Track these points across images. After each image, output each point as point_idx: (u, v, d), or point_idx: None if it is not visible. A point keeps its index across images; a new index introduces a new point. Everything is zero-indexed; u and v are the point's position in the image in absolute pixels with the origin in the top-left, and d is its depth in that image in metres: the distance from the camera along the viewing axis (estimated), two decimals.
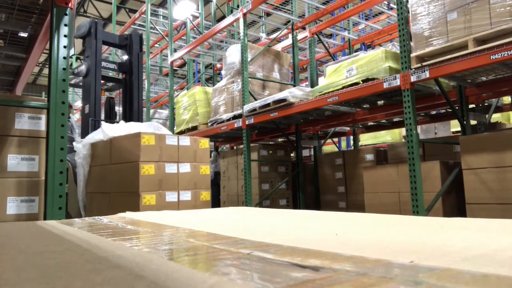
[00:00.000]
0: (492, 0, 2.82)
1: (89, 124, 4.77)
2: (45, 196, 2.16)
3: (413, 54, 3.31)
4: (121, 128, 3.83)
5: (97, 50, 4.88)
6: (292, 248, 0.66)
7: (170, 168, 3.61)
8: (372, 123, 6.13)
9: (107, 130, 3.80)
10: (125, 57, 5.54)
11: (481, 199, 3.24)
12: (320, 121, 5.71)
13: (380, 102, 4.77)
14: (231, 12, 6.95)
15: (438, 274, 0.44)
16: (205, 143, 3.83)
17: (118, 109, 5.71)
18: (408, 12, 3.47)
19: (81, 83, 5.07)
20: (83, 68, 4.71)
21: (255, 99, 5.43)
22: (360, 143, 7.26)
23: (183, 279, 0.45)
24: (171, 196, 3.56)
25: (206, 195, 3.79)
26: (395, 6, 3.95)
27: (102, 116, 5.39)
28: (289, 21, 6.58)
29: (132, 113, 5.11)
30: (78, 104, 16.10)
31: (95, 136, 3.93)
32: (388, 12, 7.47)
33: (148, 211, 2.32)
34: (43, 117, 2.24)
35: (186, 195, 3.66)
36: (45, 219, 2.15)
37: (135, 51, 5.23)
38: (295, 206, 5.98)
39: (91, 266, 0.56)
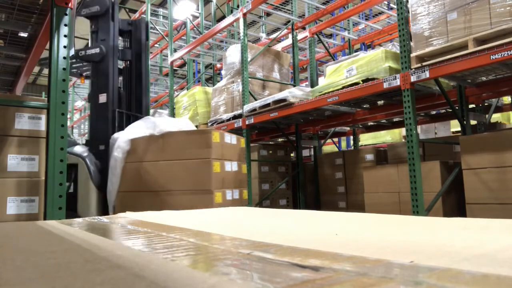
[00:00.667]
0: (492, 0, 2.82)
1: (115, 116, 4.11)
2: (45, 196, 2.16)
3: (413, 54, 3.31)
4: (171, 123, 3.70)
5: (114, 33, 4.28)
6: (292, 248, 0.66)
7: (228, 166, 3.62)
8: (372, 123, 6.13)
9: (162, 125, 3.58)
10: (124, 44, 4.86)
11: (481, 199, 3.24)
12: (320, 121, 5.71)
13: (380, 102, 4.77)
14: (231, 12, 6.95)
15: (438, 274, 0.44)
16: (243, 142, 4.01)
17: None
18: (408, 12, 3.47)
19: (83, 70, 4.49)
20: (96, 51, 4.12)
21: (255, 99, 5.43)
22: (360, 143, 7.26)
23: (183, 279, 0.45)
24: (229, 194, 3.57)
25: (245, 193, 3.89)
26: (395, 6, 3.95)
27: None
28: (289, 21, 6.58)
29: (142, 107, 4.48)
30: (78, 104, 16.13)
31: (138, 130, 3.60)
32: (388, 12, 7.47)
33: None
34: (43, 117, 2.24)
35: (236, 193, 3.68)
36: (45, 219, 2.15)
37: (143, 39, 4.66)
38: (295, 206, 5.98)
39: (91, 266, 0.56)
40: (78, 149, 3.73)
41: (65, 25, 2.33)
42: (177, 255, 0.61)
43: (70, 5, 2.35)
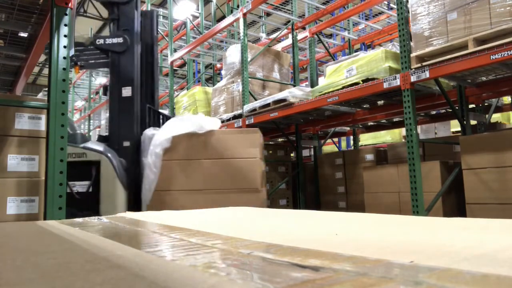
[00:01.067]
0: (492, 0, 2.82)
1: (145, 110, 3.87)
2: (45, 196, 2.16)
3: (413, 54, 3.31)
4: (211, 122, 3.66)
5: (139, 23, 3.95)
6: (292, 248, 0.66)
7: (262, 165, 3.75)
8: (372, 123, 6.13)
9: (206, 124, 3.55)
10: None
11: (481, 199, 3.24)
12: (320, 121, 5.71)
13: (380, 102, 4.77)
14: (231, 12, 6.95)
15: (438, 274, 0.44)
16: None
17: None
18: (408, 12, 3.47)
19: (79, 58, 3.90)
20: (119, 41, 3.71)
21: (255, 99, 5.43)
22: (360, 143, 7.26)
23: (183, 279, 0.45)
24: (264, 192, 3.71)
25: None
26: (395, 6, 3.95)
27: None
28: (289, 21, 6.58)
29: (154, 102, 4.08)
30: (78, 104, 16.12)
31: (177, 127, 3.50)
32: (388, 12, 7.47)
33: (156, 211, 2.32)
34: (43, 117, 2.24)
35: (263, 191, 3.79)
36: (45, 219, 2.15)
37: (154, 31, 4.28)
38: (295, 206, 5.98)
39: (91, 266, 0.56)
40: (95, 145, 3.44)
41: (65, 25, 2.33)
42: (177, 255, 0.61)
43: (70, 5, 2.35)
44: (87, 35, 3.98)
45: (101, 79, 14.35)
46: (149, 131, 3.61)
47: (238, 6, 7.07)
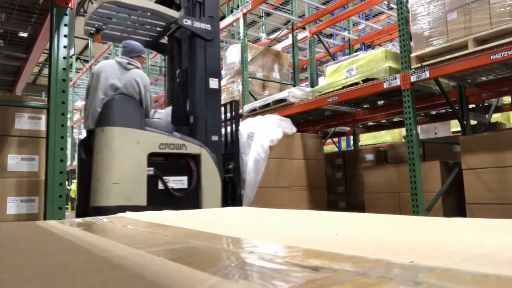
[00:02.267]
0: (492, 0, 2.82)
1: (233, 106, 3.69)
2: (45, 196, 2.17)
3: (413, 54, 3.31)
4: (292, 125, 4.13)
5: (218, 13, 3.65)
6: (292, 248, 0.66)
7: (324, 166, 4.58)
8: (372, 123, 6.12)
9: (293, 127, 4.05)
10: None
11: (481, 199, 3.23)
12: (320, 121, 5.70)
13: (380, 102, 4.77)
14: (231, 12, 6.95)
15: (438, 274, 0.44)
16: None
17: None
18: (408, 12, 3.47)
19: (100, 26, 3.41)
20: (207, 28, 3.37)
21: (255, 99, 5.43)
22: (360, 143, 7.26)
23: (183, 279, 0.45)
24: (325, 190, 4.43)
25: None
26: (395, 6, 3.95)
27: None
28: (289, 21, 6.58)
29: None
30: (78, 104, 16.11)
31: (272, 127, 3.84)
32: (388, 12, 7.48)
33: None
34: (43, 117, 2.24)
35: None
36: (45, 219, 2.15)
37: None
38: None
39: (91, 266, 0.56)
40: (185, 137, 3.15)
41: (65, 25, 2.33)
42: (177, 255, 0.61)
43: (70, 5, 2.35)
44: None
45: None
46: (245, 128, 3.72)
47: (238, 6, 7.07)
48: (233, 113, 3.78)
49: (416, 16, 3.32)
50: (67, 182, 2.47)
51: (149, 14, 3.28)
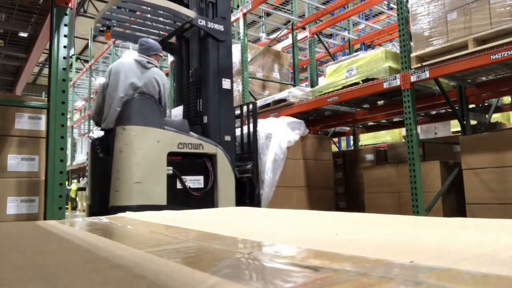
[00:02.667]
0: (492, 0, 2.82)
1: (250, 108, 3.67)
2: (45, 196, 2.16)
3: (413, 54, 3.31)
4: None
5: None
6: (292, 248, 0.66)
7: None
8: (372, 123, 6.12)
9: (303, 130, 4.23)
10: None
11: (481, 199, 3.24)
12: (320, 121, 5.70)
13: (380, 102, 4.77)
14: (231, 12, 6.95)
15: (438, 274, 0.44)
16: None
17: None
18: (408, 12, 3.47)
19: (111, 23, 3.38)
20: (221, 29, 3.38)
21: (255, 99, 5.43)
22: (360, 143, 7.26)
23: (183, 279, 0.45)
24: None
25: None
26: (395, 6, 3.95)
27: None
28: (289, 21, 6.58)
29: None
30: (78, 104, 16.11)
31: (287, 129, 4.03)
32: (388, 12, 7.48)
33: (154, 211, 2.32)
34: (43, 117, 2.24)
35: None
36: (45, 219, 2.15)
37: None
38: None
39: (91, 266, 0.56)
40: (202, 137, 3.16)
41: (65, 25, 2.33)
42: (177, 255, 0.61)
43: (70, 5, 2.35)
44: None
45: (100, 79, 14.35)
46: (263, 129, 3.88)
47: (238, 6, 7.07)
48: (251, 114, 3.83)
49: (416, 16, 3.32)
50: (67, 182, 2.43)
51: (164, 12, 3.28)
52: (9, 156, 2.15)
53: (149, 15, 3.44)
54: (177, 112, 3.54)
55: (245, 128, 3.81)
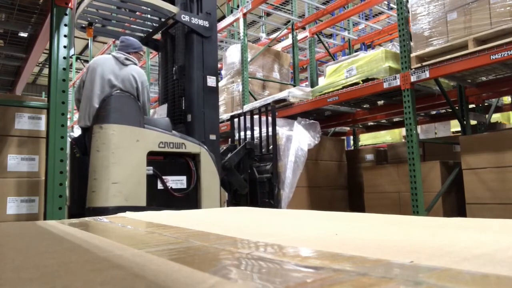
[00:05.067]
0: (492, 0, 2.82)
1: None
2: (45, 196, 2.16)
3: (413, 54, 3.31)
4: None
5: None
6: (292, 248, 0.66)
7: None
8: (372, 123, 6.12)
9: (319, 132, 4.39)
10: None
11: (481, 199, 3.24)
12: (320, 121, 5.70)
13: (380, 102, 4.77)
14: (231, 12, 6.95)
15: (438, 274, 0.44)
16: None
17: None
18: (408, 12, 3.47)
19: (93, 19, 3.31)
20: (205, 25, 3.32)
21: (255, 99, 5.43)
22: (360, 143, 7.26)
23: (183, 279, 0.45)
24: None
25: None
26: (395, 6, 3.95)
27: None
28: (289, 21, 6.58)
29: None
30: None
31: (302, 130, 4.17)
32: (388, 12, 7.48)
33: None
34: (43, 117, 2.24)
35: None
36: (45, 219, 2.15)
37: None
38: None
39: (91, 266, 0.56)
40: (185, 136, 3.10)
41: (65, 25, 2.33)
42: (177, 255, 0.61)
43: (70, 5, 2.35)
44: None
45: None
46: (283, 131, 4.02)
47: (238, 6, 7.07)
48: (270, 116, 3.98)
49: (416, 16, 3.32)
50: (67, 182, 2.40)
51: (146, 8, 3.23)
52: (9, 156, 2.15)
53: (130, 11, 3.38)
54: (161, 111, 3.48)
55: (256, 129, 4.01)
